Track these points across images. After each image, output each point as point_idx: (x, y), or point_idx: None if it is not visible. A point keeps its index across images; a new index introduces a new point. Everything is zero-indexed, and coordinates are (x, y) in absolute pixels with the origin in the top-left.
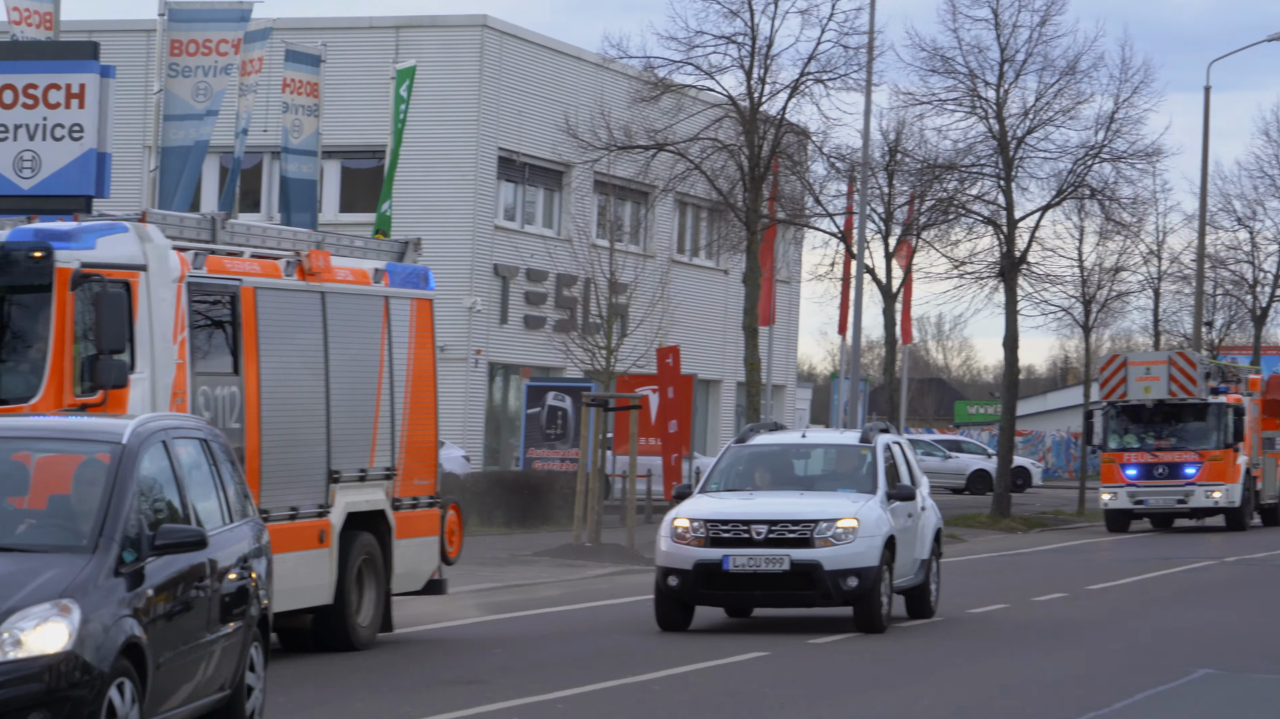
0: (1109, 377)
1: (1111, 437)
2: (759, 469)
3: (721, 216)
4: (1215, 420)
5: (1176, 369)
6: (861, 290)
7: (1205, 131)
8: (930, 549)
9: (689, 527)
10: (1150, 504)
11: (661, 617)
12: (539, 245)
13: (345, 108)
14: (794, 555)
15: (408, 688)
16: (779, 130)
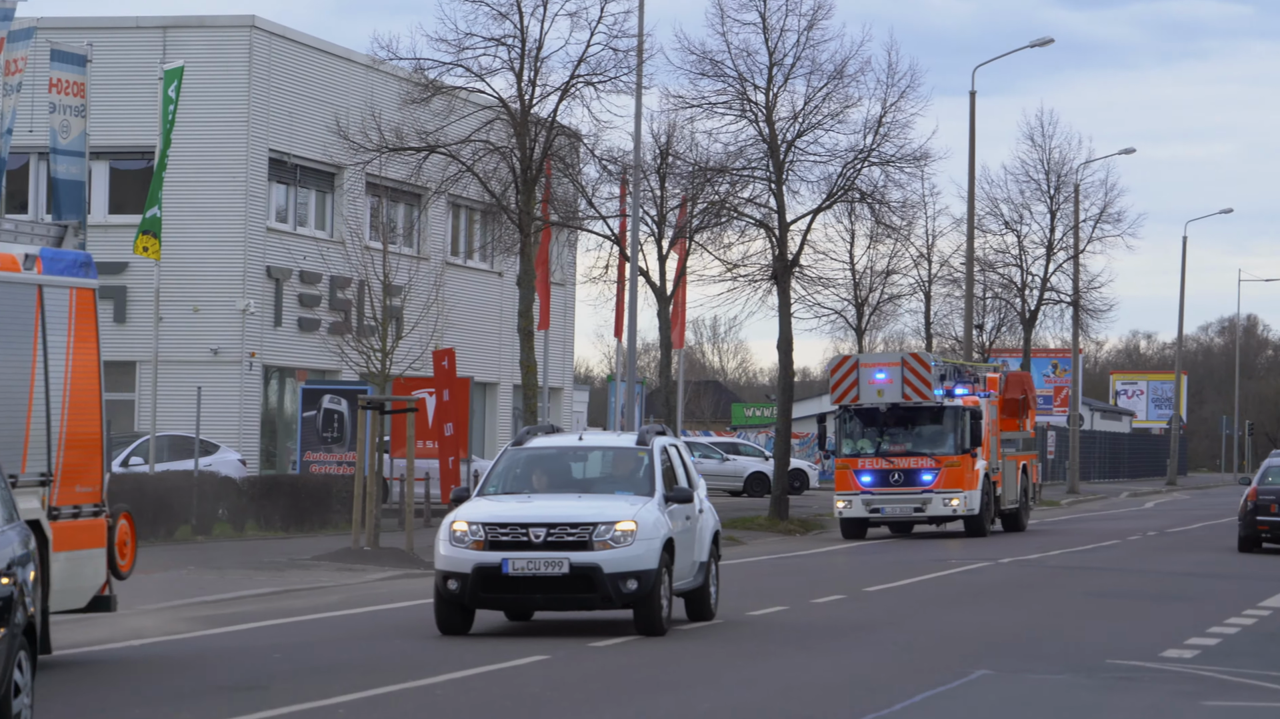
0: (840, 379)
1: (845, 442)
2: (536, 472)
3: (495, 219)
4: (952, 424)
5: (910, 371)
6: (636, 293)
7: (971, 136)
8: (709, 551)
9: (467, 530)
10: (886, 513)
11: (441, 620)
12: (312, 247)
13: (113, 108)
14: (573, 558)
15: (187, 694)
16: (550, 132)
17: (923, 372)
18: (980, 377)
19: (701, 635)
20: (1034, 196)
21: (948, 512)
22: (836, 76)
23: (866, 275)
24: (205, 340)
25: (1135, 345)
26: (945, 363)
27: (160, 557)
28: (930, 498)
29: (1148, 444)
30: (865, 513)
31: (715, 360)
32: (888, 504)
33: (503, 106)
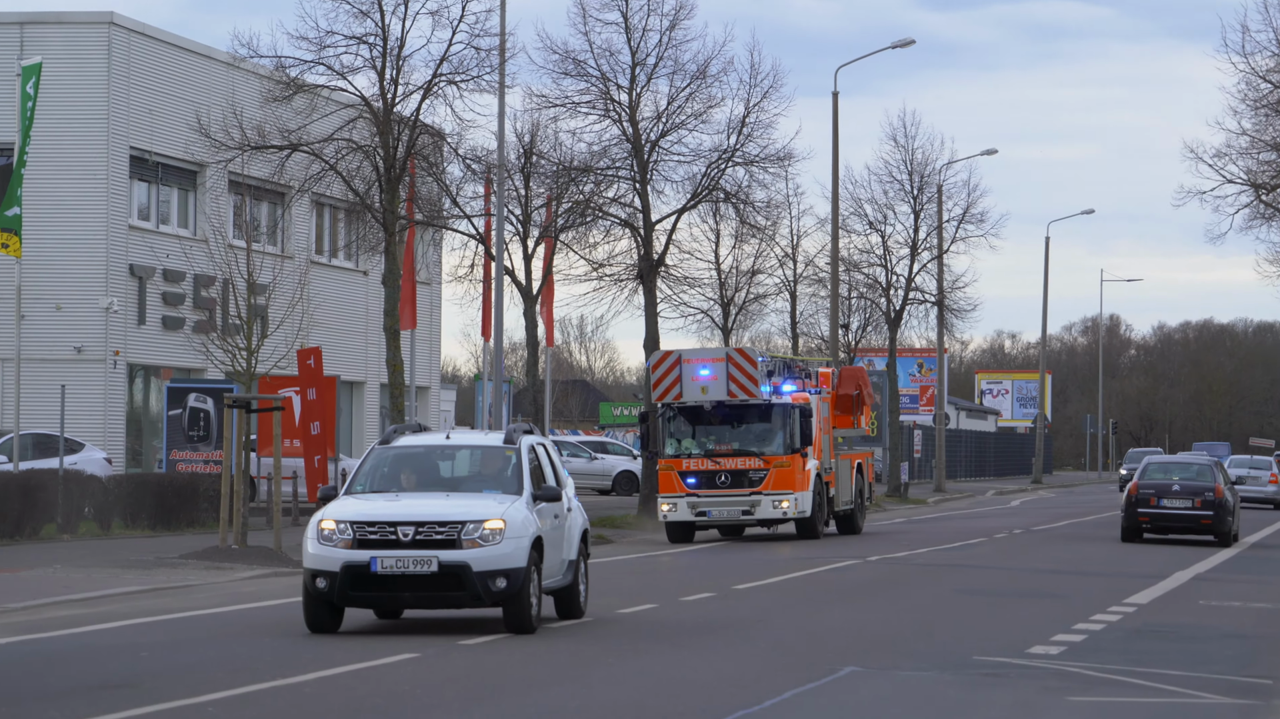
0: (662, 376)
1: (669, 442)
2: (404, 470)
3: (359, 217)
4: (780, 422)
5: (735, 367)
6: (502, 292)
7: (835, 136)
8: (578, 550)
9: (335, 528)
10: (713, 516)
11: (310, 619)
12: (175, 245)
13: None
14: (442, 557)
15: (53, 694)
16: (413, 131)
17: (748, 367)
18: (812, 372)
19: (571, 633)
20: (898, 197)
21: (777, 514)
22: (699, 76)
23: (732, 275)
24: (68, 338)
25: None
26: (774, 358)
27: (25, 555)
28: (759, 500)
29: (1013, 443)
30: (691, 516)
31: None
32: (714, 507)
33: (365, 105)
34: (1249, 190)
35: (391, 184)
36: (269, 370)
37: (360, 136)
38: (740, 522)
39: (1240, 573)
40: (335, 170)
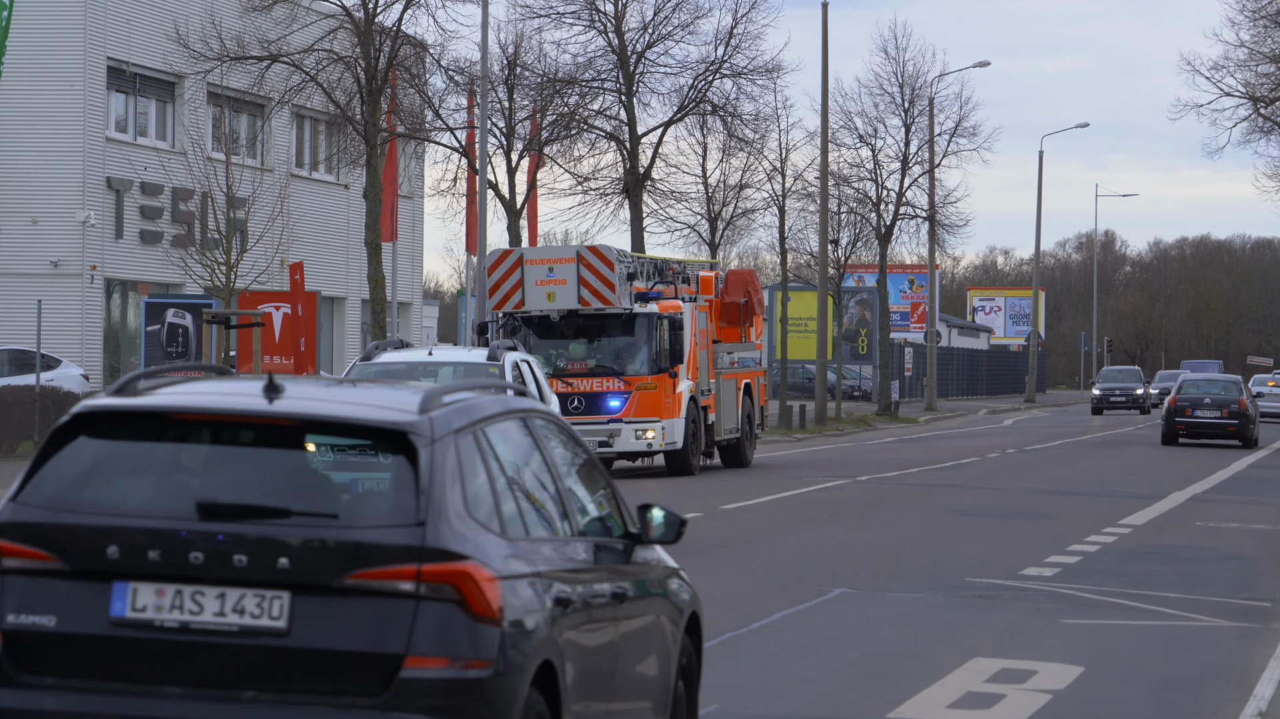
0: (500, 280)
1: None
2: None
3: (340, 130)
4: (645, 336)
5: (587, 268)
6: (485, 207)
7: (824, 48)
8: None
9: None
10: None
11: None
12: (153, 158)
13: None
14: None
15: None
16: (395, 42)
17: (604, 270)
18: (690, 276)
19: None
20: (888, 110)
21: (641, 446)
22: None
23: (720, 189)
24: (44, 253)
25: (993, 261)
26: (638, 258)
27: (3, 472)
28: (619, 429)
29: (1006, 361)
30: None
31: None
32: None
33: (346, 15)
34: (1247, 103)
35: (373, 96)
36: (248, 286)
37: (341, 47)
38: (598, 455)
39: (1238, 494)
40: (316, 82)
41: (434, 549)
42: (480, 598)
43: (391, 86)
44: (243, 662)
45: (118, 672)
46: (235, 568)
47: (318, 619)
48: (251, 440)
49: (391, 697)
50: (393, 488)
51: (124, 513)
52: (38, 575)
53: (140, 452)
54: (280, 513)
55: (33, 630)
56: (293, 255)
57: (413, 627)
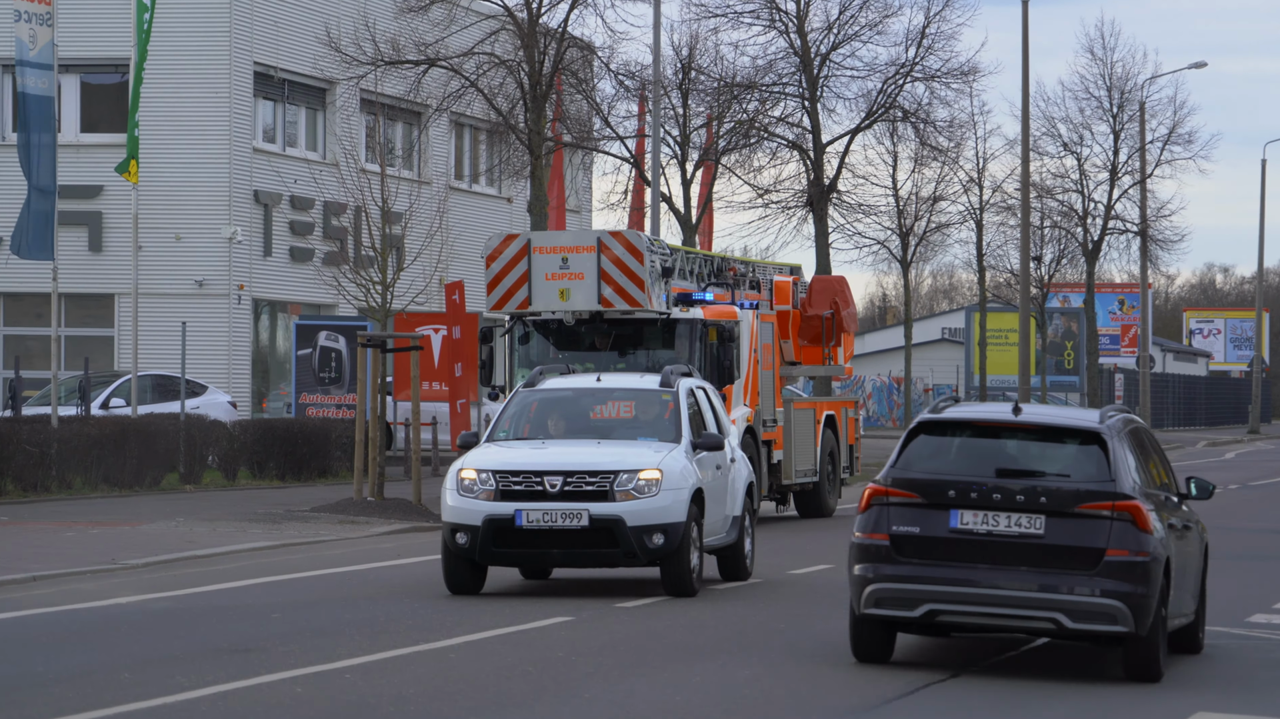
0: (502, 272)
1: (521, 374)
2: (551, 416)
3: (502, 139)
4: (686, 348)
5: (611, 260)
6: (658, 220)
7: (1025, 48)
8: (743, 504)
9: (477, 478)
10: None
11: (450, 578)
12: (303, 170)
13: (83, 17)
14: (593, 510)
15: (180, 657)
16: (561, 44)
17: (631, 262)
18: (762, 280)
19: (739, 596)
20: (1095, 115)
21: None
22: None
23: (911, 202)
24: (189, 271)
25: (1210, 280)
26: (679, 251)
27: (146, 508)
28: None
29: (1226, 388)
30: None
31: None
32: None
33: (508, 16)
34: None
35: (537, 102)
36: (406, 306)
37: (503, 50)
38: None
39: None
40: (476, 87)
41: (1119, 493)
42: (1143, 519)
43: (557, 92)
44: (1019, 551)
45: (952, 556)
46: (1016, 503)
47: (1060, 529)
48: (1013, 436)
49: (1100, 568)
50: (1094, 462)
51: (954, 474)
52: (908, 507)
53: (958, 442)
54: (1039, 474)
55: (905, 535)
56: (452, 274)
57: (1109, 534)
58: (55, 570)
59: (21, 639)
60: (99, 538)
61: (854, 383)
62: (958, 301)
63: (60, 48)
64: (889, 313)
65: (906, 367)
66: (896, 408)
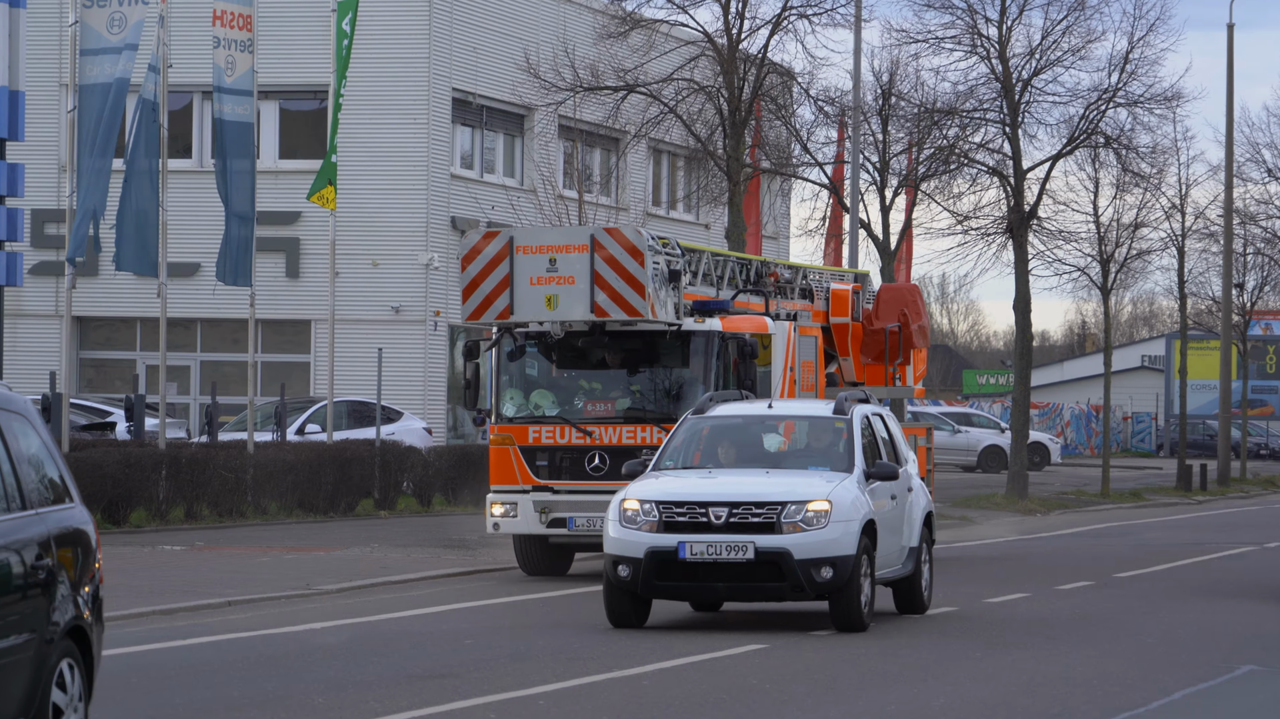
0: (480, 275)
1: (507, 395)
2: (719, 444)
3: (700, 165)
4: (701, 365)
5: (606, 261)
6: (856, 247)
7: (1229, 73)
8: (920, 535)
9: (639, 509)
10: (578, 527)
11: (612, 611)
12: (500, 196)
13: (282, 43)
14: (759, 542)
15: (373, 682)
16: (760, 70)
17: (629, 263)
18: (814, 288)
19: (921, 627)
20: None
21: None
22: (1078, 8)
23: (1112, 229)
24: (385, 298)
25: None
26: (713, 255)
27: (341, 533)
28: None
29: None
30: (540, 526)
31: (944, 322)
32: (582, 511)
33: (708, 41)
34: None
35: (736, 128)
36: None
37: (702, 76)
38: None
39: None
40: (675, 113)
41: None
42: None
43: (756, 118)
44: None
45: None
46: None
47: None
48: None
49: None
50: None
51: None
52: None
53: None
54: None
55: None
56: None
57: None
58: (250, 595)
59: (216, 664)
60: (294, 563)
61: (1051, 410)
62: (1158, 329)
63: (259, 74)
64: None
65: (1105, 394)
66: (1094, 435)
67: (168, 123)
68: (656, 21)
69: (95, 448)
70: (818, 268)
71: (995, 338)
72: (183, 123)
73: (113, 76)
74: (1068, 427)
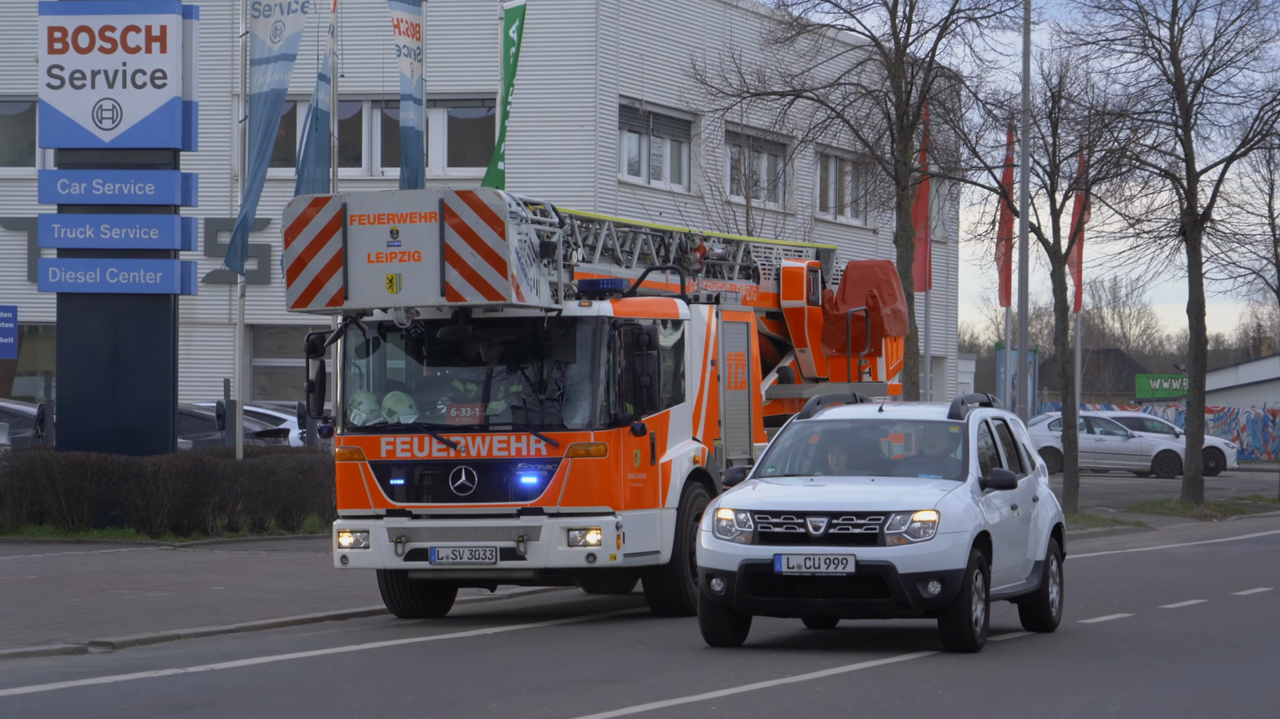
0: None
1: (355, 399)
2: (824, 450)
3: (868, 170)
4: (588, 360)
5: (460, 233)
6: (1027, 252)
7: None
8: (1047, 548)
9: (734, 519)
10: (443, 560)
11: (707, 628)
12: (668, 202)
13: (450, 51)
14: (860, 555)
15: (545, 687)
16: (929, 74)
17: (487, 234)
18: (759, 266)
19: (1099, 634)
20: None
21: (577, 558)
22: (1251, 7)
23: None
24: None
25: None
26: (617, 225)
27: None
28: (537, 526)
29: None
30: (396, 560)
31: (1116, 326)
32: (446, 540)
33: (875, 46)
34: None
35: (904, 132)
36: None
37: (869, 80)
38: (497, 573)
39: None
40: (842, 118)
41: None
42: None
43: (924, 122)
44: None
45: None
46: None
47: None
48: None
49: None
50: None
51: None
52: None
53: None
54: None
55: None
56: None
57: None
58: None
59: (383, 671)
60: None
61: (1226, 415)
62: None
63: (428, 82)
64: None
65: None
66: (1272, 440)
67: (337, 131)
68: (823, 26)
69: (269, 454)
70: (768, 242)
71: (1168, 342)
72: (352, 131)
73: (272, 86)
74: (1244, 431)
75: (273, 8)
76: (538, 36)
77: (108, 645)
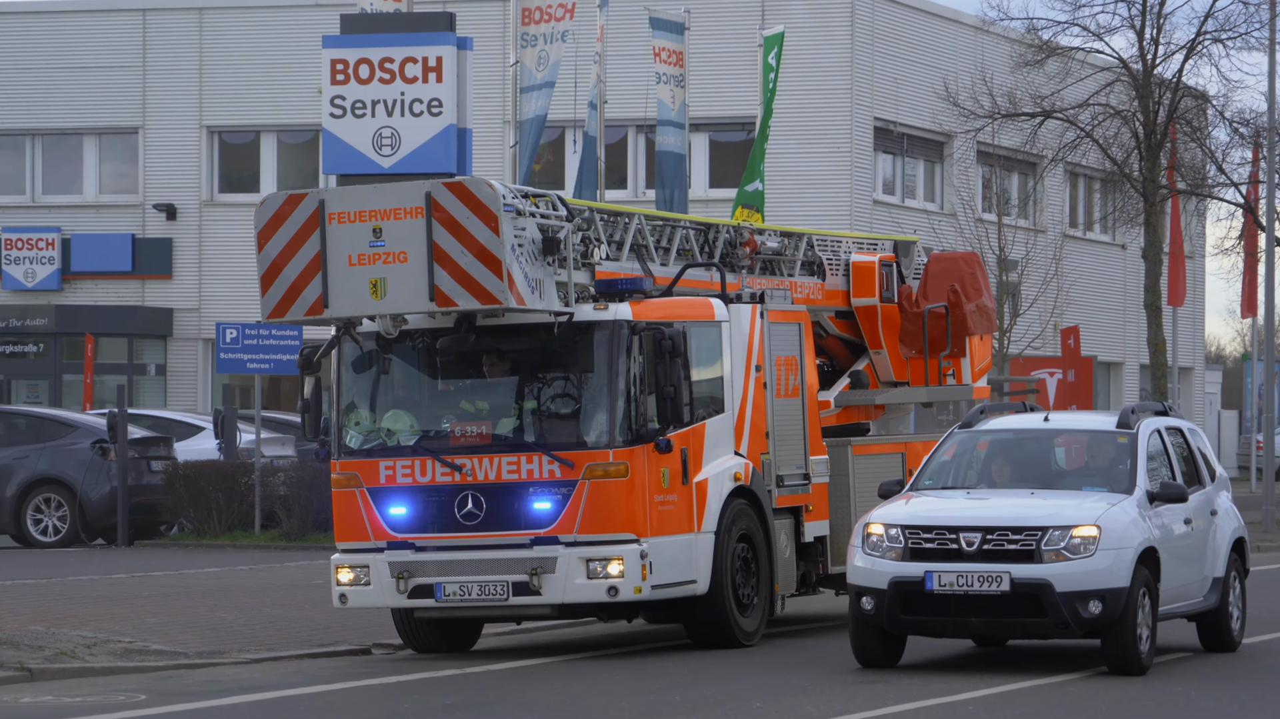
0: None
1: (352, 419)
2: (985, 461)
3: (1116, 187)
4: (605, 369)
5: (449, 230)
6: (1273, 264)
7: None
8: (1227, 563)
9: (883, 534)
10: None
11: (858, 647)
12: (921, 220)
13: (711, 77)
14: (1015, 572)
15: (807, 687)
16: (1175, 94)
17: (479, 231)
18: (828, 261)
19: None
20: None
21: (597, 592)
22: None
23: None
24: None
25: None
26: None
27: None
28: (552, 556)
29: None
30: (399, 598)
31: None
32: (451, 575)
33: (1123, 67)
34: None
35: (1151, 151)
36: (1022, 351)
37: (1118, 101)
38: (510, 609)
39: None
40: (1091, 138)
41: None
42: None
43: (1171, 140)
44: None
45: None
46: None
47: None
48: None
49: None
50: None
51: None
52: None
53: None
54: None
55: None
56: (1066, 319)
57: None
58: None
59: (640, 672)
60: None
61: None
62: None
63: (690, 107)
64: None
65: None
66: None
67: (604, 155)
68: (1072, 49)
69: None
70: (834, 234)
71: None
72: (618, 155)
73: (535, 113)
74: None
75: (538, 38)
76: (795, 61)
77: (390, 648)
